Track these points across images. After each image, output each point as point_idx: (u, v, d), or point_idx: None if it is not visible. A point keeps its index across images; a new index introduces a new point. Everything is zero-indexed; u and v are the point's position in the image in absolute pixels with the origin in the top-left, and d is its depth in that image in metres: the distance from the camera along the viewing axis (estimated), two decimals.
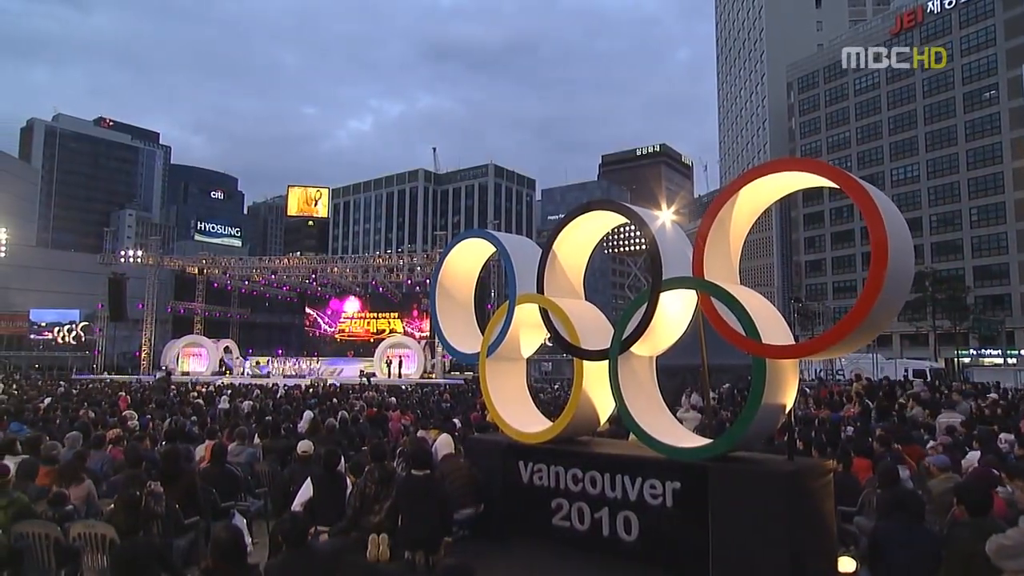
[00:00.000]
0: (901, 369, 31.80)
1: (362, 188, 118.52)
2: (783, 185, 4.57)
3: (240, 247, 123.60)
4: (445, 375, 37.95)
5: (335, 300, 45.38)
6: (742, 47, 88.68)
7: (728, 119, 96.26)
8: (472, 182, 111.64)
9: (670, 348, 5.58)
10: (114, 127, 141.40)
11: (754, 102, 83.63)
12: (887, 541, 4.06)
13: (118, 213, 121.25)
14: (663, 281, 5.07)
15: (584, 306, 6.13)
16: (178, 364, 37.92)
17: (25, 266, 47.33)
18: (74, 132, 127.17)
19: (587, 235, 6.16)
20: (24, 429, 10.35)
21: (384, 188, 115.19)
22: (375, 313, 45.21)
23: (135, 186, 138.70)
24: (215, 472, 7.01)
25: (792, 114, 71.49)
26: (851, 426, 11.02)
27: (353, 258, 44.72)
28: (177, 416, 12.31)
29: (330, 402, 16.54)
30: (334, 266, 42.00)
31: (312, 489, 5.94)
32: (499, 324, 6.32)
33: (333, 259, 45.02)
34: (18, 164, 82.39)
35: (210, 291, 44.68)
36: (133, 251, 44.58)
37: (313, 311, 45.94)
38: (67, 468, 6.26)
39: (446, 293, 7.10)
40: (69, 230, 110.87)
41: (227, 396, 18.63)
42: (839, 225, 66.48)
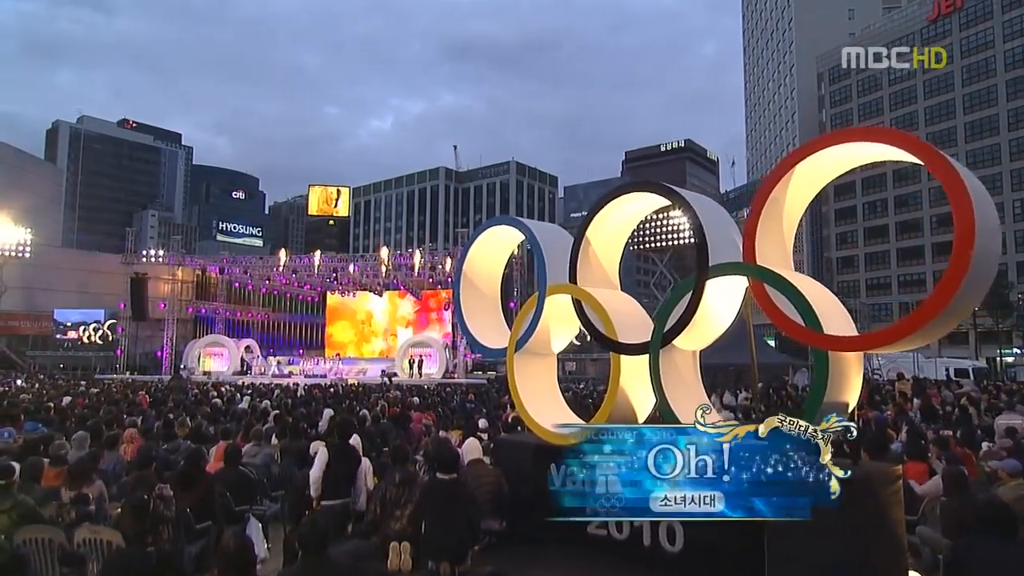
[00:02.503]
0: (941, 368, 30.84)
1: (383, 187, 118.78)
2: (845, 159, 4.16)
3: (261, 247, 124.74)
4: (467, 375, 37.69)
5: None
6: (770, 38, 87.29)
7: (755, 113, 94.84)
8: (493, 180, 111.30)
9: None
10: (137, 128, 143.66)
11: (782, 94, 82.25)
12: (973, 559, 3.62)
13: (141, 214, 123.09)
14: (710, 267, 4.69)
15: (620, 297, 5.78)
16: (199, 364, 38.13)
17: (50, 266, 48.02)
18: (98, 134, 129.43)
19: (623, 220, 5.79)
20: (40, 428, 10.26)
21: (405, 187, 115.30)
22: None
23: (157, 187, 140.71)
24: (229, 475, 6.76)
25: (823, 106, 70.09)
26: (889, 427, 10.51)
27: (374, 256, 44.57)
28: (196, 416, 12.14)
29: (350, 401, 16.37)
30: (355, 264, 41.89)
31: (327, 457, 5.82)
32: (528, 316, 5.99)
33: (355, 258, 44.87)
34: (44, 166, 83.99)
35: (231, 291, 44.93)
36: (155, 251, 45.02)
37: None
38: (78, 468, 6.04)
39: (471, 285, 6.80)
40: (93, 231, 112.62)
41: (247, 396, 18.53)
42: (872, 220, 65.07)
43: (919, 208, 61.11)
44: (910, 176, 59.76)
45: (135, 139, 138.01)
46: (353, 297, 45.53)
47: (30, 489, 5.65)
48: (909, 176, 59.99)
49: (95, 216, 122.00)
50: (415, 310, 45.37)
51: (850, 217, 66.97)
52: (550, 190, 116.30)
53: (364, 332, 46.66)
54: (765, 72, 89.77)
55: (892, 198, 63.50)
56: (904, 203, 62.55)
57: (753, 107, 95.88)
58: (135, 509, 4.98)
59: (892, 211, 63.59)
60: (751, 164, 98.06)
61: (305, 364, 40.70)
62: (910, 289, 59.03)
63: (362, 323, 46.63)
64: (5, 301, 40.86)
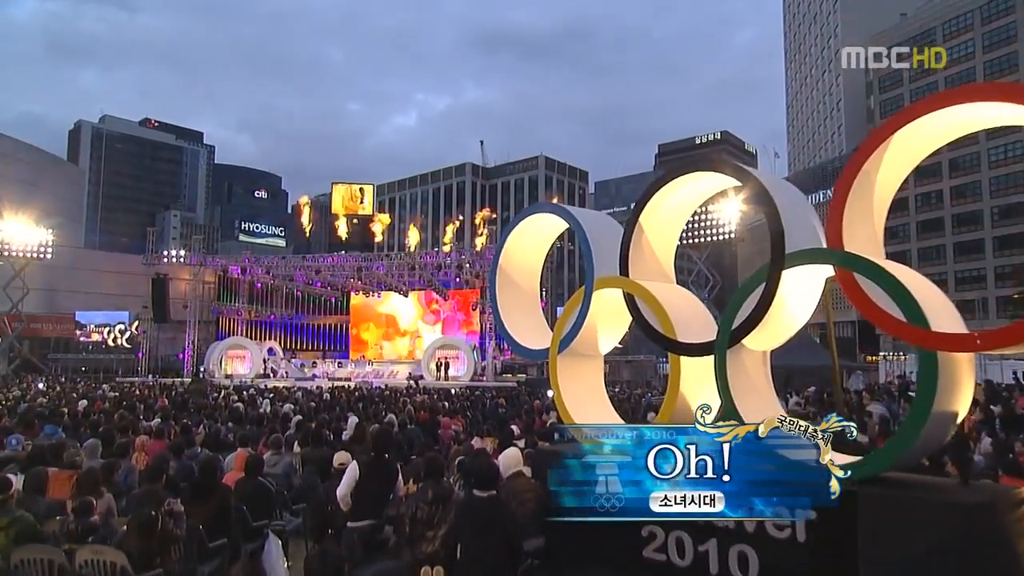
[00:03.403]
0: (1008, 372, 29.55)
1: (407, 184, 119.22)
2: (958, 124, 3.64)
3: (284, 247, 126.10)
4: (497, 378, 37.39)
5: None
6: (813, 21, 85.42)
7: (797, 102, 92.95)
8: (521, 175, 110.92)
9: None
10: (159, 127, 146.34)
11: (827, 81, 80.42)
12: None
13: (163, 214, 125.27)
14: (786, 255, 4.22)
15: (677, 291, 5.33)
16: (221, 366, 38.42)
17: (72, 268, 48.92)
18: (120, 133, 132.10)
19: (680, 206, 5.34)
20: (59, 432, 10.12)
21: (430, 183, 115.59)
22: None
23: (179, 186, 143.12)
24: (247, 486, 6.47)
25: (871, 92, 68.23)
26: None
27: (400, 255, 44.52)
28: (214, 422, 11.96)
29: (375, 405, 16.12)
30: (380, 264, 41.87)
31: (358, 474, 5.37)
32: (573, 314, 5.57)
33: (379, 256, 44.86)
34: (66, 166, 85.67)
35: (254, 292, 45.24)
36: (176, 251, 45.51)
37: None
38: (86, 479, 5.78)
39: (508, 280, 6.40)
40: (115, 232, 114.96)
41: (269, 400, 18.43)
42: (927, 213, 63.19)
43: (979, 199, 59.13)
44: (968, 165, 57.86)
45: (157, 138, 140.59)
46: (378, 297, 45.56)
47: (33, 502, 5.40)
48: (967, 165, 58.09)
49: (117, 217, 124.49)
50: (442, 311, 45.25)
51: (902, 210, 65.10)
52: (580, 185, 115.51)
53: (389, 333, 46.67)
54: (808, 58, 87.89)
55: (948, 188, 61.56)
56: (961, 194, 60.59)
57: (795, 96, 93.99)
58: (142, 527, 4.68)
59: (948, 203, 61.64)
60: (792, 156, 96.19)
61: (328, 366, 40.83)
62: (969, 287, 57.14)
63: (387, 324, 46.67)
64: (27, 303, 41.60)
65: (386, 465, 5.57)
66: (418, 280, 41.91)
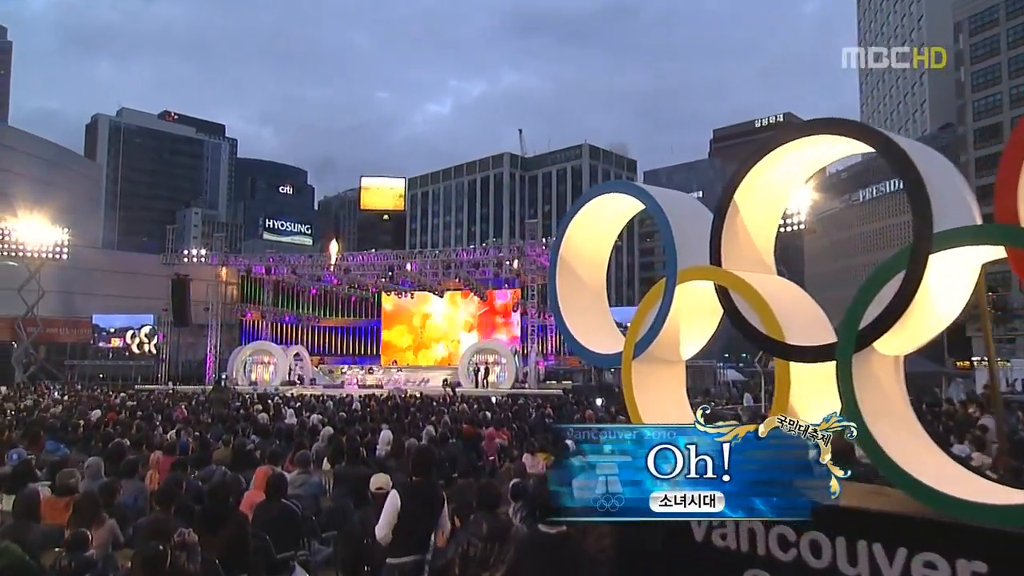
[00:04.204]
0: None
1: (441, 177, 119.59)
2: None
3: (311, 245, 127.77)
4: (540, 385, 36.98)
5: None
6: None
7: (872, 78, 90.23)
8: (564, 165, 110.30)
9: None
10: (178, 120, 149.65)
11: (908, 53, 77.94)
12: None
13: (183, 211, 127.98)
14: (935, 235, 3.62)
15: (781, 283, 4.75)
16: (245, 373, 38.74)
17: (89, 269, 49.93)
18: (138, 127, 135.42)
19: (785, 180, 4.74)
20: (62, 449, 9.98)
21: (465, 176, 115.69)
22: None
23: (200, 182, 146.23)
24: (270, 511, 6.10)
25: (961, 62, 65.55)
26: None
27: (434, 253, 44.43)
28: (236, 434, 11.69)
29: (411, 416, 15.81)
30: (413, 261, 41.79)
31: (399, 504, 4.90)
32: (651, 312, 5.03)
33: (411, 254, 44.83)
34: (82, 162, 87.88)
35: (279, 293, 45.63)
36: (197, 250, 46.12)
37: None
38: (85, 503, 5.46)
39: (570, 273, 5.89)
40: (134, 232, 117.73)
41: (295, 409, 18.28)
42: None
43: None
44: None
45: (177, 132, 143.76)
46: (411, 299, 45.54)
47: (23, 530, 5.08)
48: None
49: (135, 215, 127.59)
50: (479, 312, 45.04)
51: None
52: (628, 175, 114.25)
53: (423, 337, 46.63)
54: (885, 27, 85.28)
55: None
56: None
57: (869, 70, 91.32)
58: (147, 563, 4.30)
59: None
60: None
61: (358, 372, 40.89)
62: None
63: (420, 327, 46.65)
64: (42, 306, 42.52)
65: (430, 490, 5.12)
66: (454, 279, 41.69)
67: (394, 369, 41.13)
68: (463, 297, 45.04)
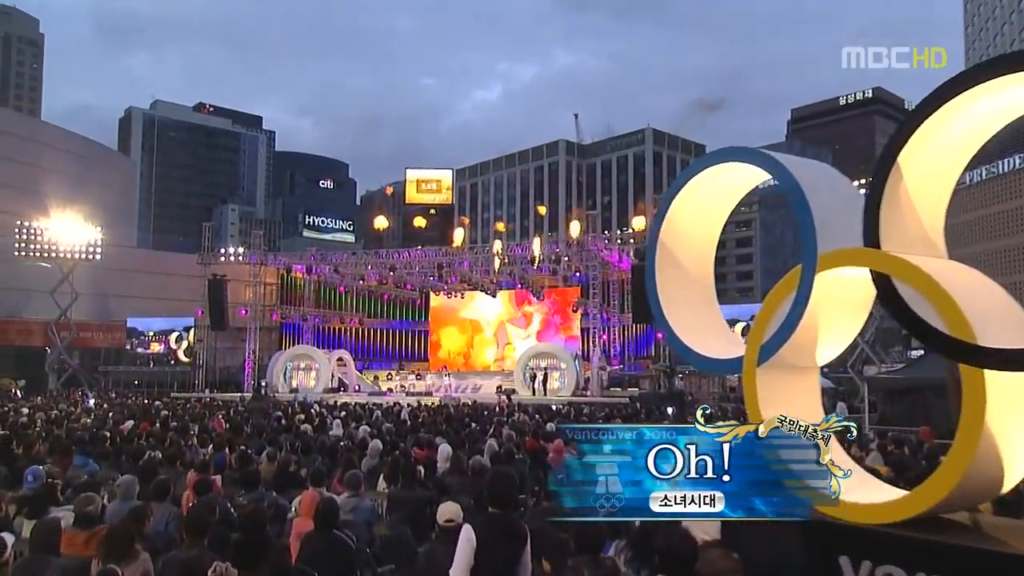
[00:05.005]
0: None
1: (491, 167, 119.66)
2: None
3: (353, 242, 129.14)
4: (604, 392, 36.28)
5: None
6: None
7: (981, 42, 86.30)
8: (625, 152, 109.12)
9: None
10: (214, 113, 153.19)
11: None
12: None
13: (220, 208, 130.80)
14: None
15: (962, 270, 4.06)
16: (285, 379, 39.00)
17: (123, 269, 51.02)
18: (172, 120, 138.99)
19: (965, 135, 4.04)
20: (91, 464, 9.75)
21: (517, 165, 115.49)
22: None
23: (238, 177, 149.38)
24: (318, 544, 5.64)
25: None
26: None
27: (485, 248, 44.12)
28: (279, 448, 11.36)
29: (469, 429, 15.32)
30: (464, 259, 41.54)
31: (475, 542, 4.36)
32: (782, 307, 4.41)
33: (462, 251, 44.57)
34: (117, 157, 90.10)
35: (321, 293, 45.91)
36: (234, 249, 46.72)
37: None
38: (116, 537, 5.06)
39: (672, 261, 5.30)
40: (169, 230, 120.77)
41: (340, 419, 18.01)
42: None
43: None
44: None
45: (212, 124, 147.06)
46: (461, 298, 45.33)
47: (42, 565, 4.71)
48: None
49: (170, 212, 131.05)
50: (535, 312, 44.60)
51: None
52: None
53: (475, 340, 46.39)
54: None
55: None
56: None
57: (977, 34, 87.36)
58: None
59: None
60: None
61: (405, 378, 40.84)
62: None
63: (472, 329, 46.43)
64: (74, 309, 43.48)
65: (511, 525, 4.57)
66: (508, 278, 41.27)
67: (443, 375, 40.90)
68: (517, 297, 44.65)
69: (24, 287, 45.68)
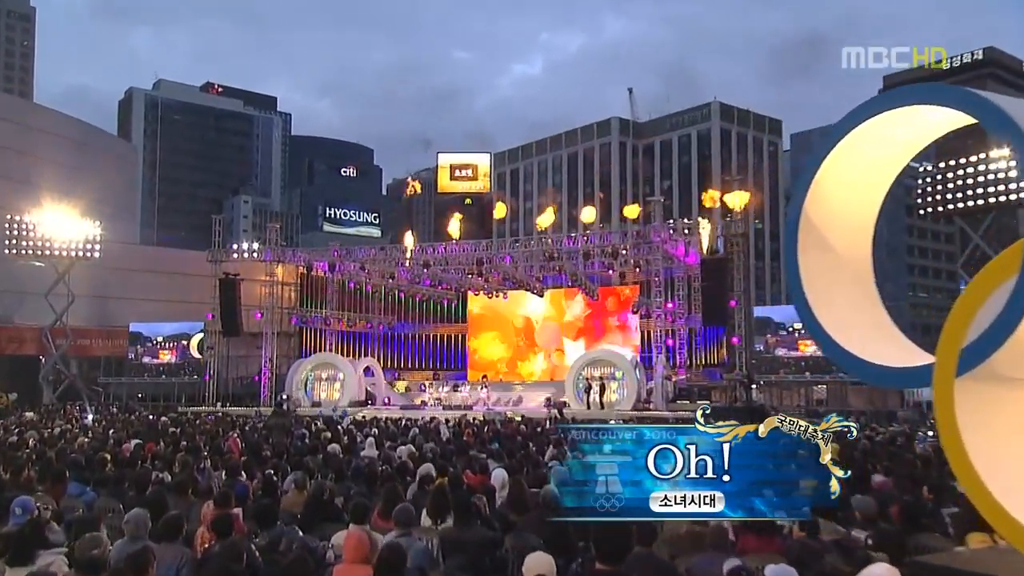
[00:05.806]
0: None
1: (534, 150, 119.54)
2: None
3: (380, 236, 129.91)
4: (669, 406, 35.58)
5: None
6: None
7: None
8: (687, 130, 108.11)
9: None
10: (223, 93, 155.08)
11: None
12: None
13: (231, 200, 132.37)
14: None
15: None
16: (307, 391, 38.93)
17: (125, 269, 51.44)
18: (178, 102, 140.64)
19: None
20: (88, 492, 9.41)
21: (564, 148, 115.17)
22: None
23: (250, 164, 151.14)
24: None
25: None
26: None
27: (530, 242, 43.58)
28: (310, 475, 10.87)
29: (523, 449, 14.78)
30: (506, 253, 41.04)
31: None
32: (991, 301, 3.74)
33: (502, 244, 44.15)
34: (117, 143, 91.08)
35: (345, 294, 45.83)
36: (248, 245, 46.83)
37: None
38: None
39: (820, 241, 4.68)
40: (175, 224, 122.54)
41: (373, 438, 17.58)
42: None
43: None
44: None
45: (222, 106, 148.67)
46: (503, 299, 44.89)
47: None
48: None
49: (176, 204, 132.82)
50: (589, 314, 44.07)
51: None
52: (771, 140, 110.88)
53: (519, 346, 45.98)
54: None
55: None
56: None
57: None
58: None
59: None
60: None
61: (440, 389, 40.55)
62: None
63: (516, 334, 46.03)
64: (72, 313, 43.86)
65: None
66: (557, 274, 40.74)
67: (481, 386, 40.40)
68: (568, 296, 44.14)
69: (16, 289, 46.31)
